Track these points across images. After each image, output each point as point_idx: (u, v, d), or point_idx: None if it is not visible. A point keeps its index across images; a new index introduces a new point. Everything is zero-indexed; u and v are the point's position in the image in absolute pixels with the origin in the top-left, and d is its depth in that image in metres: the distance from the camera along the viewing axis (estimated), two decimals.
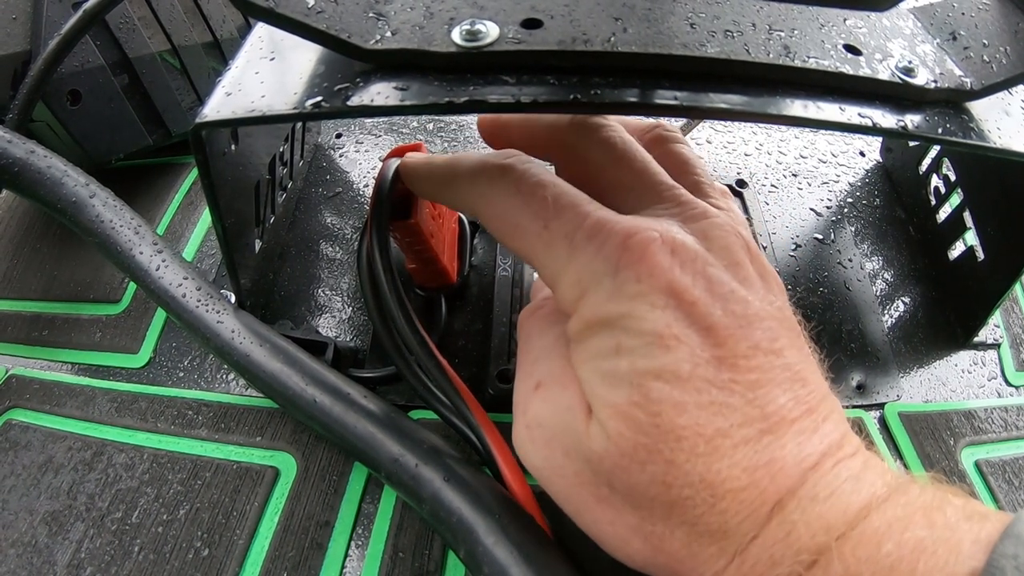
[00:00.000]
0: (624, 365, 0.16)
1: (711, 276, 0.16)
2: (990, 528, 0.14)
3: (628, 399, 0.16)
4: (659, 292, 0.16)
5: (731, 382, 0.15)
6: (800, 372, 0.16)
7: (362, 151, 0.37)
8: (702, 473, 0.15)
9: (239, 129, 0.23)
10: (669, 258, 0.16)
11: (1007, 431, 0.29)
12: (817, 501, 0.15)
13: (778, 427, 0.15)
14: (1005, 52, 0.20)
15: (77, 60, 0.31)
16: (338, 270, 0.32)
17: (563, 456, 0.17)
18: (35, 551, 0.23)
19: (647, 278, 0.16)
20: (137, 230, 0.27)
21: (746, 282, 0.17)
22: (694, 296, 0.16)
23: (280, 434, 0.26)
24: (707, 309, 0.16)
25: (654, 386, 0.15)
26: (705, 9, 0.18)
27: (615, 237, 0.16)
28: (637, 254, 0.16)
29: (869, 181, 0.38)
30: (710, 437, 0.15)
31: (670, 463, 0.15)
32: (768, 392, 0.16)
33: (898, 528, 0.14)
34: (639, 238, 0.16)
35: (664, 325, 0.15)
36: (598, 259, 0.16)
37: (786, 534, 0.15)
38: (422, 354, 0.22)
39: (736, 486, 0.15)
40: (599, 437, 0.16)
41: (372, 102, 0.17)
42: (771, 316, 0.16)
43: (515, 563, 0.18)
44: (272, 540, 0.23)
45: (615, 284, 0.16)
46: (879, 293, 0.33)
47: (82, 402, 0.27)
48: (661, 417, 0.15)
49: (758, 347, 0.16)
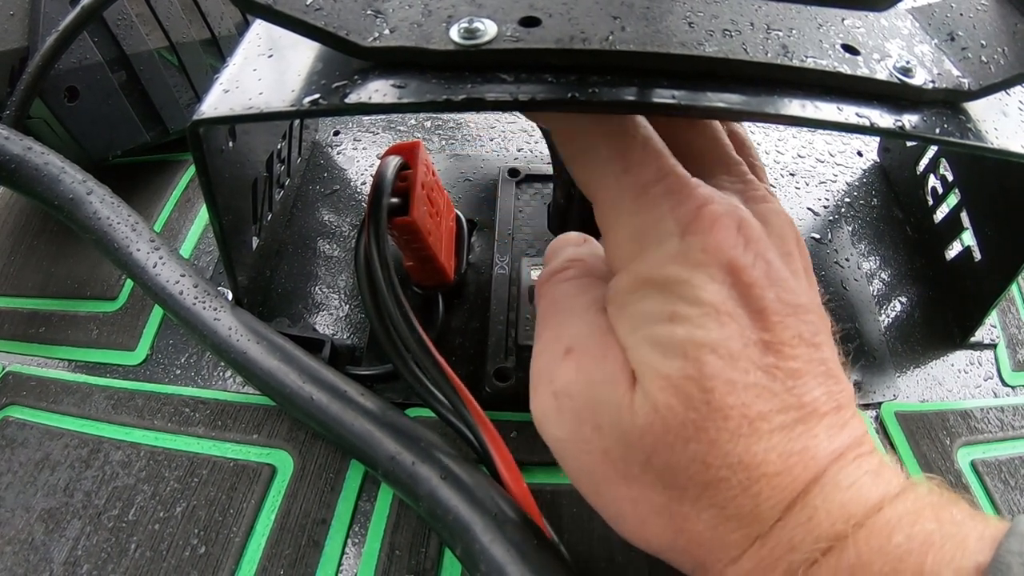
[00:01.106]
0: (680, 333, 0.15)
1: (770, 261, 0.16)
2: (994, 527, 0.14)
3: (682, 371, 0.15)
4: (720, 266, 0.16)
5: (774, 367, 0.15)
6: (833, 369, 0.16)
7: (360, 149, 0.37)
8: (741, 455, 0.15)
9: (237, 126, 0.23)
10: (735, 235, 0.16)
11: (1003, 431, 0.29)
12: (839, 489, 0.15)
13: (811, 418, 0.15)
14: (1003, 53, 0.20)
15: (75, 57, 0.31)
16: (335, 268, 0.32)
17: (593, 430, 0.16)
18: (31, 548, 0.23)
19: (714, 249, 0.16)
20: (134, 227, 0.27)
21: (796, 274, 0.17)
22: (752, 277, 0.16)
23: (277, 432, 0.26)
24: (762, 292, 0.16)
25: (709, 360, 0.15)
26: (703, 8, 0.18)
27: (692, 201, 0.16)
28: (708, 223, 0.16)
29: (867, 181, 0.38)
30: (753, 419, 0.15)
31: (713, 442, 0.15)
32: (806, 383, 0.16)
33: (908, 521, 0.14)
34: (713, 207, 0.16)
35: (721, 299, 0.15)
36: (669, 218, 0.16)
37: (808, 519, 0.15)
38: (419, 352, 0.22)
39: (771, 470, 0.15)
40: (644, 410, 0.15)
41: (370, 100, 0.17)
42: (814, 310, 0.17)
43: (511, 561, 0.18)
44: (269, 538, 0.23)
45: (681, 247, 0.16)
46: (876, 293, 0.33)
47: (79, 399, 0.27)
48: (713, 394, 0.15)
49: (801, 337, 0.16)
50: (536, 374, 0.18)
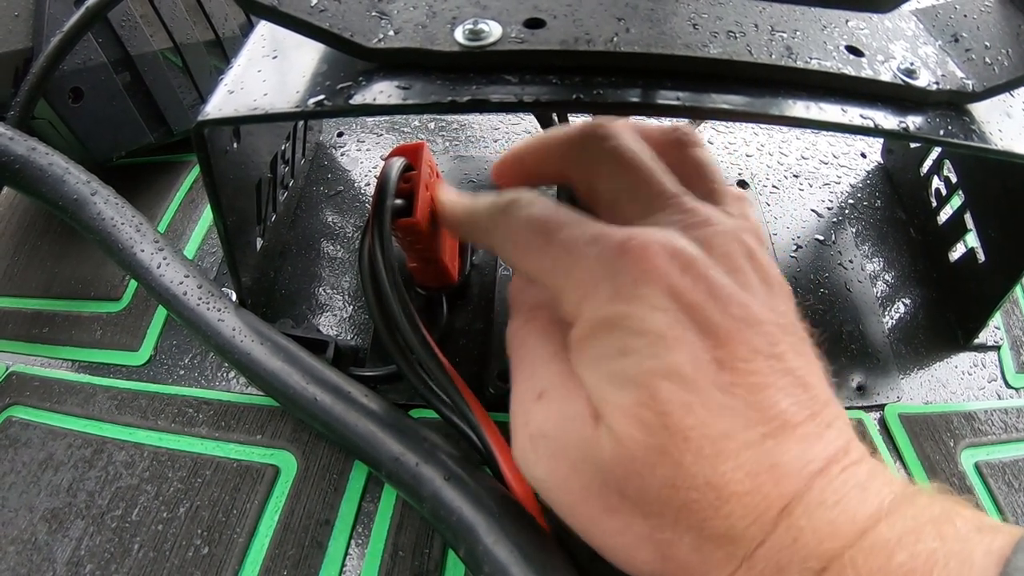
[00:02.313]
0: (630, 364, 0.16)
1: (711, 279, 0.16)
2: (1002, 541, 0.14)
3: (636, 399, 0.15)
4: (659, 294, 0.16)
5: (732, 385, 0.15)
6: (802, 377, 0.16)
7: (364, 150, 0.37)
8: (708, 475, 0.15)
9: (241, 127, 0.23)
10: (667, 261, 0.16)
11: (1007, 433, 0.29)
12: (825, 507, 0.15)
13: (780, 431, 0.15)
14: (1007, 54, 0.20)
15: (79, 58, 0.31)
16: (339, 269, 0.32)
17: (570, 468, 0.17)
18: (35, 548, 0.23)
19: (646, 280, 0.16)
20: (138, 228, 0.27)
21: (747, 287, 0.17)
22: (694, 298, 0.16)
23: (280, 432, 0.26)
24: (707, 311, 0.16)
25: (661, 385, 0.15)
26: (708, 10, 0.18)
27: (614, 240, 0.17)
28: (635, 256, 0.16)
29: (870, 183, 0.38)
30: (715, 439, 0.15)
31: (678, 464, 0.15)
32: (770, 396, 0.16)
33: (910, 540, 0.14)
34: (636, 241, 0.17)
35: (666, 325, 0.16)
36: (598, 264, 0.17)
37: (793, 540, 0.15)
38: (423, 353, 0.22)
39: (740, 489, 0.15)
40: (610, 443, 0.16)
41: (375, 101, 0.17)
42: (772, 321, 0.17)
43: (515, 562, 0.18)
44: (272, 538, 0.23)
45: (615, 286, 0.16)
46: (880, 294, 0.33)
47: (82, 399, 0.27)
48: (670, 417, 0.15)
49: (758, 351, 0.16)
50: (514, 418, 0.19)
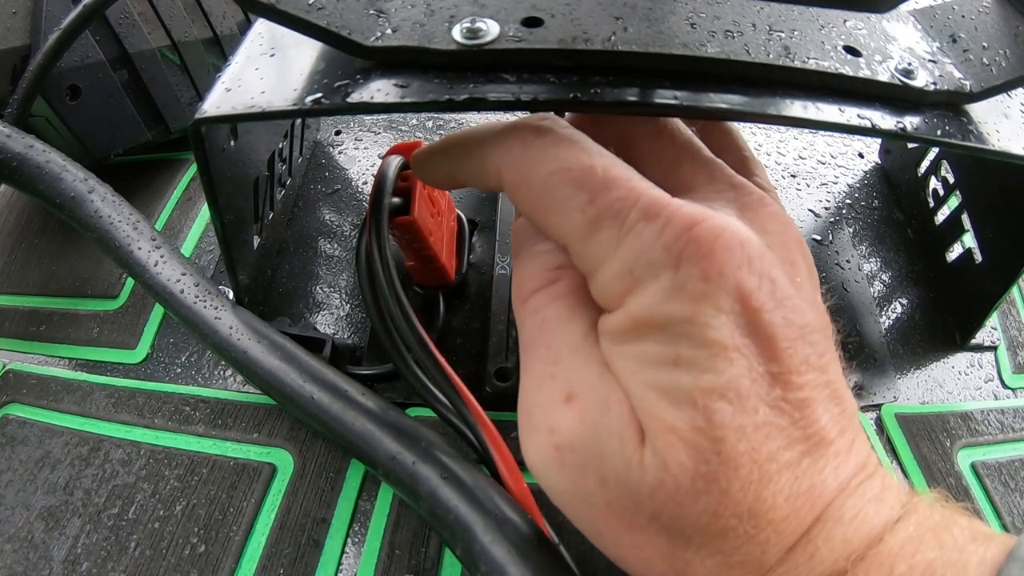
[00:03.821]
0: (687, 380, 0.14)
1: (775, 278, 0.15)
2: (995, 550, 0.14)
3: (692, 423, 0.14)
4: (726, 294, 0.14)
5: (781, 400, 0.14)
6: (837, 390, 0.15)
7: (361, 148, 0.37)
8: (751, 503, 0.14)
9: (238, 125, 0.23)
10: (738, 255, 0.14)
11: (1003, 433, 0.29)
12: (843, 523, 0.14)
13: (816, 448, 0.14)
14: (1005, 55, 0.20)
15: (77, 55, 0.31)
16: (336, 267, 0.32)
17: (598, 484, 0.15)
18: (31, 546, 0.23)
19: (716, 277, 0.14)
20: (135, 226, 0.27)
21: (800, 287, 0.15)
22: (760, 301, 0.14)
23: (277, 431, 0.26)
24: (770, 316, 0.14)
25: (719, 407, 0.14)
26: (705, 9, 0.18)
27: (678, 223, 0.14)
28: (705, 247, 0.14)
29: (868, 183, 0.38)
30: (761, 463, 0.14)
31: (724, 493, 0.14)
32: (813, 411, 0.14)
33: (910, 550, 0.14)
34: (706, 227, 0.14)
35: (729, 334, 0.14)
36: (657, 246, 0.14)
37: (809, 557, 0.14)
38: (420, 352, 0.22)
39: (778, 516, 0.14)
40: (654, 468, 0.14)
41: (372, 99, 0.17)
42: (820, 327, 0.15)
43: (512, 561, 0.18)
44: (269, 537, 0.23)
45: (677, 279, 0.14)
46: (877, 294, 0.33)
47: (79, 397, 0.27)
48: (724, 444, 0.14)
49: (808, 362, 0.15)
50: (529, 415, 0.16)
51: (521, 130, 0.16)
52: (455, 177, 0.19)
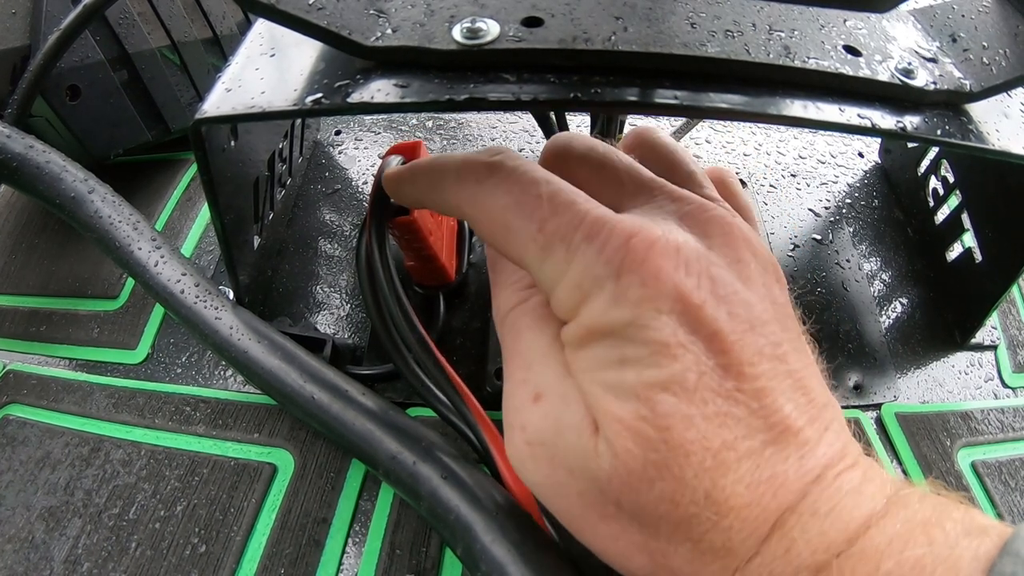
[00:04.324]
0: (630, 377, 0.15)
1: (715, 277, 0.16)
2: (989, 545, 0.13)
3: (636, 413, 0.15)
4: (664, 296, 0.15)
5: (736, 391, 0.15)
6: (802, 379, 0.16)
7: (361, 148, 0.37)
8: (708, 489, 0.14)
9: (238, 125, 0.23)
10: (672, 260, 0.15)
11: (1003, 432, 0.29)
12: (818, 516, 0.14)
13: (782, 437, 0.15)
14: (1004, 54, 0.20)
15: (76, 55, 0.31)
16: (337, 267, 0.32)
17: (567, 475, 0.16)
18: (32, 547, 0.23)
19: (652, 282, 0.15)
20: (136, 226, 0.27)
21: (748, 281, 0.16)
22: (700, 299, 0.15)
23: (278, 431, 0.26)
24: (713, 313, 0.15)
25: (662, 398, 0.15)
26: (706, 9, 0.18)
27: (616, 237, 0.16)
28: (640, 255, 0.15)
29: (868, 182, 0.38)
30: (716, 451, 0.14)
31: (679, 480, 0.14)
32: (773, 401, 0.15)
33: (898, 545, 0.14)
34: (641, 238, 0.15)
35: (670, 333, 0.15)
36: (599, 262, 0.15)
37: (785, 550, 0.14)
38: (420, 352, 0.22)
39: (739, 503, 0.14)
40: (607, 456, 0.15)
41: (372, 99, 0.17)
42: (774, 319, 0.16)
43: (512, 561, 0.18)
44: (269, 537, 0.23)
45: (618, 289, 0.15)
46: (877, 294, 0.33)
47: (80, 398, 0.27)
48: (670, 432, 0.14)
49: (762, 353, 0.15)
50: (508, 415, 0.18)
51: (475, 167, 0.18)
52: (423, 206, 0.21)
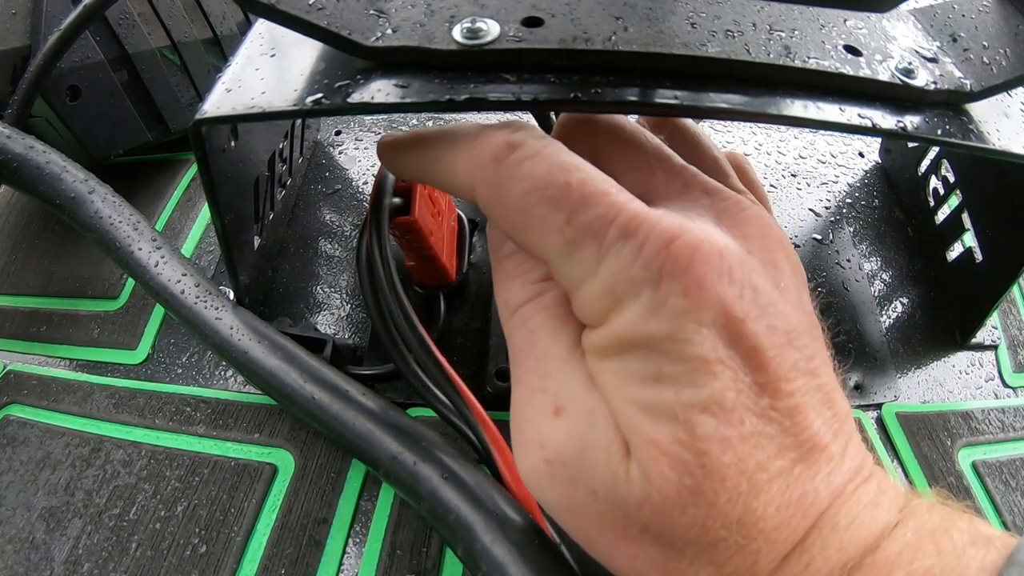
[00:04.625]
0: (668, 396, 0.14)
1: (756, 286, 0.14)
2: (995, 555, 0.13)
3: (673, 437, 0.14)
4: (708, 308, 0.14)
5: (770, 409, 0.14)
6: (829, 393, 0.15)
7: (361, 148, 0.37)
8: (740, 514, 0.14)
9: (239, 126, 0.23)
10: (718, 266, 0.14)
11: (1004, 432, 0.29)
12: (838, 531, 0.14)
13: (809, 455, 0.14)
14: (1005, 54, 0.20)
15: (77, 56, 0.31)
16: (337, 267, 0.32)
17: (589, 497, 0.15)
18: (32, 547, 0.23)
19: (696, 291, 0.14)
20: (136, 226, 0.27)
21: (784, 290, 0.15)
22: (743, 311, 0.14)
23: (278, 431, 0.26)
24: (754, 327, 0.14)
25: (700, 420, 0.14)
26: (706, 9, 0.18)
27: (656, 238, 0.14)
28: (684, 262, 0.14)
29: (868, 182, 0.38)
30: (750, 473, 0.14)
31: (712, 505, 0.14)
32: (804, 418, 0.14)
33: (908, 556, 0.14)
34: (684, 241, 0.14)
35: (711, 348, 0.14)
36: (636, 265, 0.14)
37: (804, 567, 0.14)
38: (421, 352, 0.22)
39: (769, 525, 0.14)
40: (639, 481, 0.14)
41: (373, 99, 0.17)
42: (807, 330, 0.15)
43: (512, 561, 0.18)
44: (270, 537, 0.23)
45: (657, 297, 0.14)
46: (877, 294, 0.33)
47: (80, 398, 0.27)
48: (708, 456, 0.14)
49: (797, 368, 0.14)
50: (521, 429, 0.16)
51: (494, 142, 0.16)
52: (423, 179, 0.19)
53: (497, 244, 0.19)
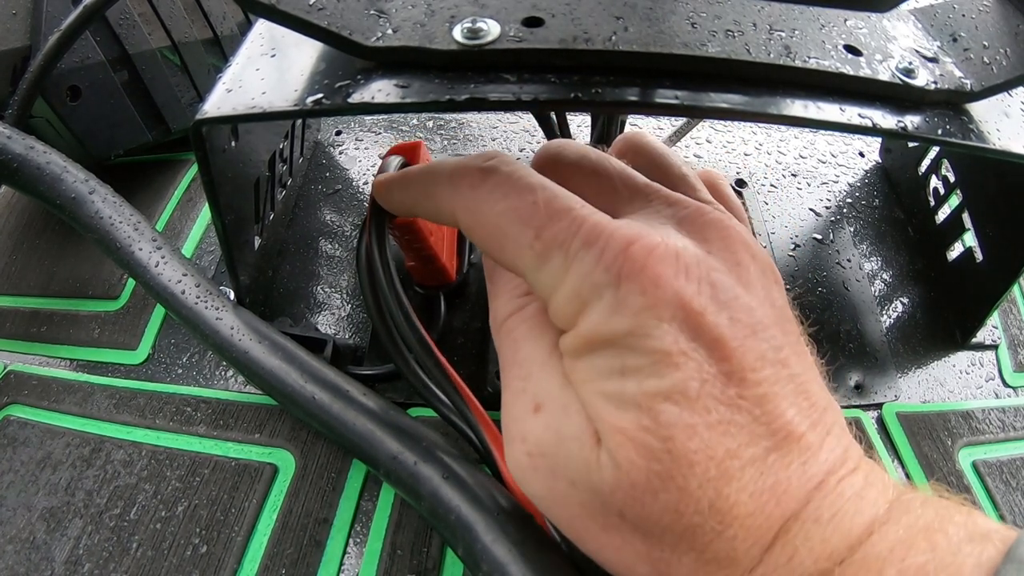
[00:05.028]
0: (631, 387, 0.15)
1: (715, 282, 0.15)
2: (992, 551, 0.13)
3: (638, 424, 0.14)
4: (665, 304, 0.15)
5: (738, 398, 0.15)
6: (804, 383, 0.16)
7: (362, 148, 0.37)
8: (712, 499, 0.14)
9: (239, 126, 0.23)
10: (672, 266, 0.15)
11: (1004, 432, 0.29)
12: (820, 523, 0.14)
13: (784, 444, 0.15)
14: (1005, 54, 0.20)
15: (77, 56, 0.31)
16: (337, 267, 0.32)
17: (569, 486, 0.16)
18: (33, 547, 0.23)
19: (652, 289, 0.15)
20: (136, 226, 0.27)
21: (748, 285, 0.16)
22: (701, 306, 0.15)
23: (279, 431, 0.26)
24: (714, 319, 0.15)
25: (664, 408, 0.14)
26: (706, 9, 0.18)
27: (615, 244, 0.15)
28: (640, 263, 0.15)
29: (868, 182, 0.38)
30: (720, 459, 0.14)
31: (683, 490, 0.14)
32: (776, 407, 0.15)
33: (900, 552, 0.14)
34: (641, 244, 0.15)
35: (672, 341, 0.15)
36: (597, 269, 0.15)
37: (788, 559, 0.14)
38: (421, 352, 0.22)
39: (743, 512, 0.14)
40: (609, 467, 0.15)
41: (373, 99, 0.17)
42: (774, 322, 0.16)
43: (513, 561, 0.18)
44: (270, 537, 0.23)
45: (617, 297, 0.15)
46: (878, 293, 0.33)
47: (80, 398, 0.27)
48: (674, 442, 0.14)
49: (764, 358, 0.15)
50: (509, 425, 0.17)
51: (470, 172, 0.17)
52: (415, 214, 0.21)
53: (489, 267, 0.20)
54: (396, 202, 0.21)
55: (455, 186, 0.18)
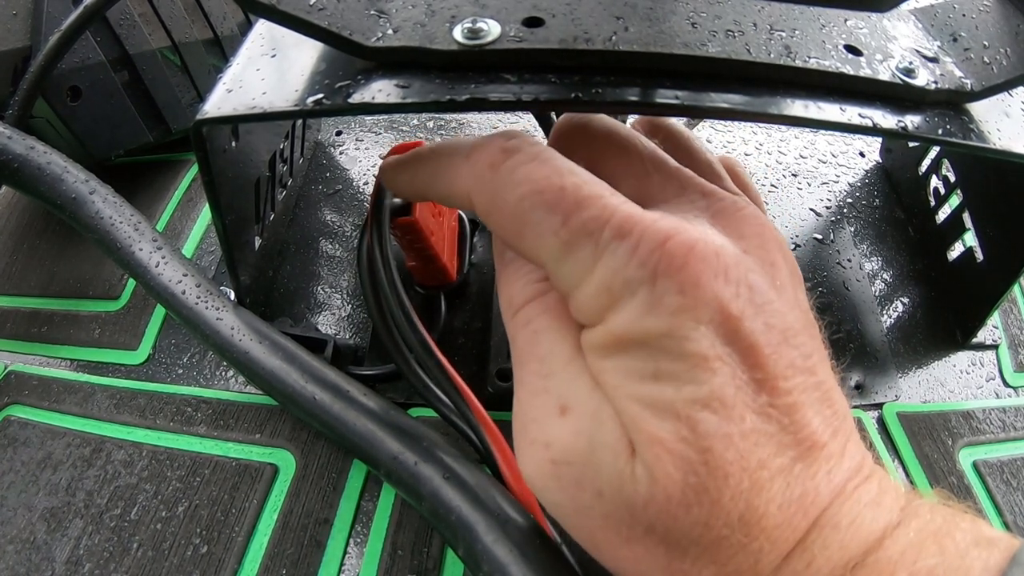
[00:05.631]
0: (668, 393, 0.14)
1: (752, 284, 0.15)
2: (998, 556, 0.13)
3: (677, 434, 0.14)
4: (704, 305, 0.14)
5: (768, 406, 0.14)
6: (828, 391, 0.15)
7: (362, 149, 0.37)
8: (742, 511, 0.14)
9: (240, 126, 0.23)
10: (714, 264, 0.14)
11: (1005, 432, 0.29)
12: (839, 530, 0.14)
13: (809, 453, 0.14)
14: (1005, 53, 0.20)
15: (77, 56, 0.31)
16: (338, 268, 0.32)
17: (594, 497, 0.15)
18: (33, 547, 0.23)
19: (691, 289, 0.14)
20: (137, 227, 0.27)
21: (782, 289, 0.15)
22: (739, 310, 0.14)
23: (279, 431, 0.26)
24: (751, 325, 0.14)
25: (702, 417, 0.14)
26: (707, 9, 0.18)
27: (651, 238, 0.14)
28: (679, 260, 0.14)
29: (869, 182, 0.38)
30: (752, 471, 0.14)
31: (715, 503, 0.14)
32: (803, 416, 0.14)
33: (911, 556, 0.14)
34: (679, 240, 0.14)
35: (708, 345, 0.14)
36: (632, 264, 0.14)
37: (806, 565, 0.14)
38: (422, 352, 0.22)
39: (770, 524, 0.14)
40: (645, 480, 0.14)
41: (373, 100, 0.17)
42: (803, 328, 0.15)
43: (514, 561, 0.18)
44: (271, 537, 0.23)
45: (653, 295, 0.14)
46: (878, 293, 0.33)
47: (81, 399, 0.27)
48: (711, 453, 0.14)
49: (794, 366, 0.14)
50: (526, 429, 0.16)
51: (489, 150, 0.16)
52: (425, 195, 0.19)
53: (501, 248, 0.19)
54: (404, 183, 0.19)
55: (472, 165, 0.16)
